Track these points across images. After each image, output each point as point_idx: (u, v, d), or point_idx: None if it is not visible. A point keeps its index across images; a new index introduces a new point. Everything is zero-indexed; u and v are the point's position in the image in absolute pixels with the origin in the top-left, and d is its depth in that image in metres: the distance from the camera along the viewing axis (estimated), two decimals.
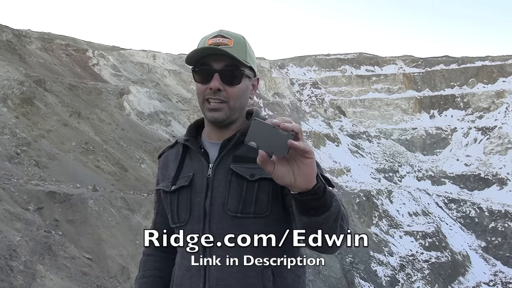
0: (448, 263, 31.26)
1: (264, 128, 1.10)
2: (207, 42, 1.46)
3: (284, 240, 1.47)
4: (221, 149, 1.52)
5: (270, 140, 1.09)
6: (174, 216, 1.56)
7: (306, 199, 1.17)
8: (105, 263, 9.04)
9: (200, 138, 1.61)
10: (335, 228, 1.25)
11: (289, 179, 1.13)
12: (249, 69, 1.51)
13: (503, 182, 43.18)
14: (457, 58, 57.87)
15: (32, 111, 16.08)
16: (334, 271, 22.35)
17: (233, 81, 1.47)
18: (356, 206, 31.09)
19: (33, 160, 13.09)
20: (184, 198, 1.53)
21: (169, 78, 34.88)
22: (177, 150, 1.65)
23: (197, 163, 1.55)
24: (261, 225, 1.44)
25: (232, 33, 1.50)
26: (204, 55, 1.46)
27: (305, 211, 1.20)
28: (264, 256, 1.45)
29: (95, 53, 30.45)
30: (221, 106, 1.47)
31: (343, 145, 46.64)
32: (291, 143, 1.07)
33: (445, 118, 53.30)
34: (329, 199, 1.20)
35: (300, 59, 61.63)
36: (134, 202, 12.22)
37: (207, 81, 1.47)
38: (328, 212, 1.20)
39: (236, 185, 1.45)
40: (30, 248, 7.23)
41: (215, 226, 1.46)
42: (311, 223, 1.22)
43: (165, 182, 1.62)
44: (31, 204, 9.29)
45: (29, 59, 22.54)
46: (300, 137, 1.10)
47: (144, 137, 21.40)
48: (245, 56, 1.48)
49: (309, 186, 1.14)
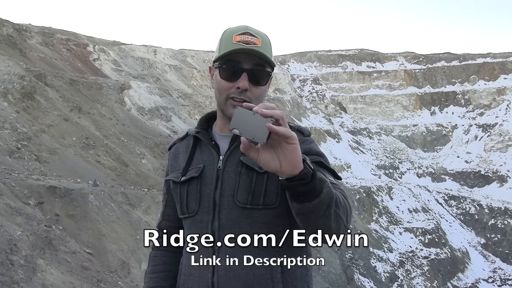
0: (448, 260, 31.32)
1: (246, 115, 1.11)
2: (234, 38, 1.44)
3: (293, 232, 1.48)
4: (231, 141, 1.52)
5: (251, 126, 1.11)
6: (183, 207, 1.56)
7: (293, 185, 1.17)
8: (106, 257, 9.07)
9: (211, 130, 1.62)
10: (328, 215, 1.24)
11: (275, 165, 1.14)
12: (272, 69, 1.51)
13: (503, 179, 43.21)
14: (459, 55, 57.76)
15: (32, 105, 16.08)
16: (333, 267, 22.41)
17: (260, 82, 1.46)
18: (356, 202, 31.11)
19: (34, 155, 13.10)
20: (194, 189, 1.53)
21: (170, 73, 34.86)
22: (187, 142, 1.65)
23: (208, 155, 1.55)
24: (270, 217, 1.45)
25: (258, 31, 1.49)
26: (233, 52, 1.44)
27: (295, 197, 1.20)
28: (273, 247, 1.46)
29: (96, 48, 30.42)
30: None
31: (344, 142, 46.64)
32: (270, 126, 1.08)
33: (446, 115, 53.27)
34: (319, 185, 1.19)
35: (301, 55, 61.54)
36: (134, 197, 12.25)
37: (234, 79, 1.45)
38: (319, 198, 1.19)
39: (245, 177, 1.45)
40: (30, 243, 7.25)
41: (224, 217, 1.46)
42: (302, 209, 1.22)
43: (175, 173, 1.61)
44: (31, 198, 9.31)
45: (29, 53, 22.52)
46: (281, 123, 1.11)
47: (145, 132, 21.41)
48: (271, 56, 1.47)
49: (295, 171, 1.14)
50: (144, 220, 11.51)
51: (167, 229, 1.74)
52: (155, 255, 1.74)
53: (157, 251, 1.74)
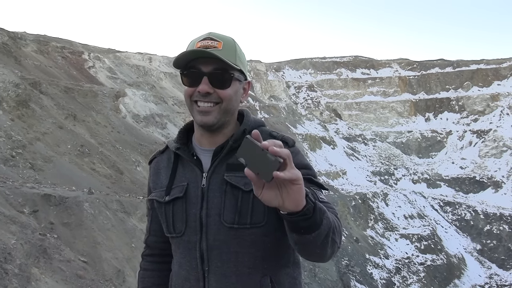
0: (444, 266, 31.31)
1: (254, 148, 1.09)
2: (196, 45, 1.43)
3: (281, 247, 1.48)
4: (214, 157, 1.49)
5: (258, 161, 1.08)
6: (169, 227, 1.53)
7: (295, 220, 1.17)
8: (101, 266, 9.01)
9: (191, 144, 1.58)
10: (326, 244, 1.25)
11: (277, 202, 1.13)
12: (239, 72, 1.48)
13: (498, 185, 43.38)
14: (452, 62, 58.20)
15: (27, 113, 16.02)
16: (330, 274, 22.34)
17: (223, 85, 1.44)
18: (352, 209, 31.10)
19: (28, 163, 13.03)
20: (180, 209, 1.50)
21: (165, 80, 34.87)
22: (168, 156, 1.61)
23: (190, 172, 1.52)
24: (258, 235, 1.43)
25: (221, 35, 1.47)
26: (193, 58, 1.43)
27: (295, 230, 1.20)
28: (262, 264, 1.45)
29: (91, 55, 30.42)
30: (211, 109, 1.44)
31: (339, 148, 46.72)
32: (276, 174, 1.05)
33: (440, 121, 53.55)
34: (320, 218, 1.20)
35: (296, 62, 61.80)
36: (129, 205, 12.19)
37: (195, 84, 1.44)
38: (319, 230, 1.20)
39: (231, 196, 1.43)
40: (25, 251, 7.20)
41: (212, 237, 1.45)
42: (302, 240, 1.22)
43: (158, 191, 1.58)
44: (26, 207, 9.24)
45: (24, 61, 22.48)
46: (287, 163, 1.08)
47: (140, 139, 21.35)
48: (235, 59, 1.45)
49: (298, 208, 1.14)
50: (140, 228, 11.45)
51: (154, 245, 1.73)
52: (144, 276, 1.73)
53: (145, 272, 1.73)
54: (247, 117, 1.56)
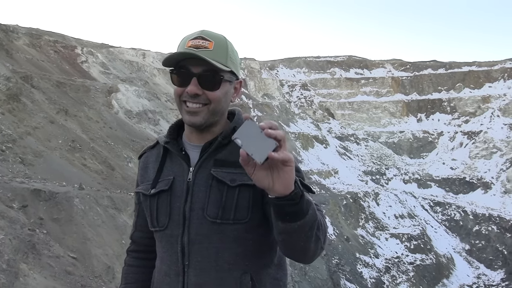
0: (433, 266, 31.58)
1: (253, 130, 1.13)
2: (187, 43, 1.42)
3: (263, 246, 1.49)
4: (202, 152, 1.49)
5: (254, 143, 1.12)
6: (153, 220, 1.54)
7: (282, 204, 1.19)
8: (90, 262, 8.97)
9: (181, 139, 1.58)
10: (310, 237, 1.26)
11: (268, 183, 1.16)
12: (229, 73, 1.47)
13: (487, 186, 43.79)
14: (445, 63, 58.56)
15: (18, 107, 15.88)
16: (320, 273, 22.43)
17: (213, 86, 1.43)
18: (343, 208, 31.24)
19: (19, 157, 12.92)
20: (164, 202, 1.50)
21: (158, 77, 34.70)
22: (158, 151, 1.62)
23: (178, 166, 1.52)
24: (240, 231, 1.44)
25: (213, 34, 1.45)
26: (183, 58, 1.43)
27: (281, 216, 1.22)
28: (243, 261, 1.45)
29: (84, 50, 30.20)
30: (200, 110, 1.44)
31: (331, 147, 46.87)
32: (271, 155, 1.10)
33: (432, 122, 53.90)
34: (306, 207, 1.22)
35: (290, 60, 61.82)
36: (120, 201, 12.14)
37: (184, 84, 1.44)
38: (304, 219, 1.22)
39: (216, 190, 1.43)
40: (13, 247, 7.15)
41: (194, 231, 1.45)
42: (287, 229, 1.24)
43: (144, 185, 1.59)
44: (15, 202, 9.17)
45: (16, 55, 22.26)
46: (283, 145, 1.12)
47: (132, 136, 21.27)
48: (226, 59, 1.44)
49: (287, 191, 1.16)
50: (130, 224, 11.42)
51: (140, 240, 1.73)
52: (127, 272, 1.73)
53: (130, 268, 1.73)
54: (238, 115, 1.57)
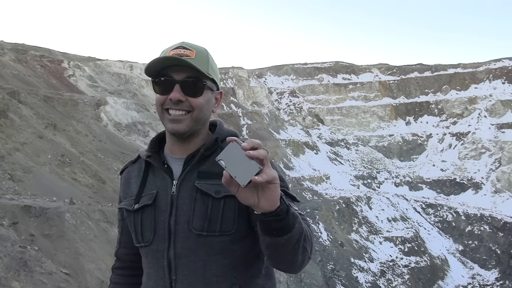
0: (427, 268, 31.67)
1: (237, 152, 1.12)
2: (168, 53, 1.42)
3: (251, 256, 1.47)
4: (185, 165, 1.48)
5: (238, 165, 1.11)
6: (138, 236, 1.51)
7: (269, 220, 1.19)
8: (83, 277, 8.85)
9: (163, 153, 1.57)
10: (297, 249, 1.26)
11: (253, 201, 1.16)
12: (211, 81, 1.48)
13: (478, 186, 44.17)
14: (431, 66, 59.25)
15: (6, 123, 15.72)
16: (315, 279, 22.37)
17: (195, 93, 1.43)
18: (336, 213, 31.28)
19: (7, 174, 12.76)
20: (148, 217, 1.48)
21: (146, 88, 34.60)
22: (139, 165, 1.60)
23: (161, 180, 1.50)
24: (226, 243, 1.42)
25: (194, 45, 1.46)
26: (165, 66, 1.42)
27: (268, 231, 1.22)
28: (231, 273, 1.44)
29: (71, 64, 30.04)
30: (183, 117, 1.43)
31: (322, 153, 47.02)
32: (254, 179, 1.10)
33: (420, 124, 54.35)
34: (292, 221, 1.22)
35: (278, 68, 62.08)
36: (112, 215, 12.03)
37: (167, 92, 1.43)
38: (290, 234, 1.22)
39: (201, 203, 1.42)
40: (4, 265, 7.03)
41: (180, 245, 1.43)
42: (274, 243, 1.24)
43: (127, 200, 1.57)
44: (5, 219, 9.04)
45: (2, 70, 22.07)
46: (265, 164, 1.12)
47: (122, 148, 21.14)
48: (207, 68, 1.45)
49: (272, 208, 1.16)
50: None
51: (124, 257, 1.70)
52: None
53: (115, 285, 1.71)
54: (220, 126, 1.57)
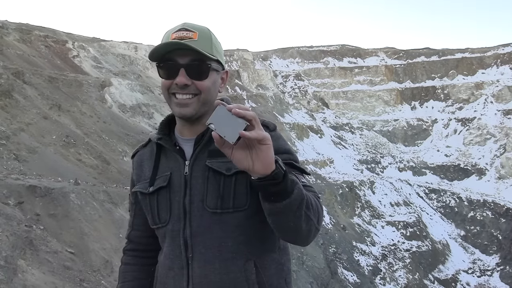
0: (429, 252, 31.89)
1: (224, 114, 1.15)
2: (171, 36, 1.41)
3: (265, 231, 1.49)
4: (195, 145, 1.50)
5: (225, 125, 1.14)
6: (155, 217, 1.54)
7: (265, 184, 1.20)
8: (88, 257, 8.98)
9: (173, 134, 1.58)
10: (299, 217, 1.27)
11: (247, 164, 1.17)
12: (216, 63, 1.47)
13: (481, 172, 44.11)
14: (438, 50, 58.58)
15: (10, 104, 15.76)
16: (317, 262, 22.59)
17: (201, 76, 1.43)
18: (339, 197, 31.40)
19: (13, 154, 12.85)
20: (164, 198, 1.51)
21: (151, 70, 34.48)
22: (151, 148, 1.62)
23: (173, 161, 1.53)
24: (241, 219, 1.45)
25: (196, 25, 1.45)
26: (169, 50, 1.42)
27: (266, 197, 1.24)
28: (246, 248, 1.46)
29: (75, 44, 29.92)
30: (190, 101, 1.44)
31: (326, 137, 46.95)
32: (242, 133, 1.12)
33: (426, 109, 54.04)
34: (291, 186, 1.22)
35: (283, 51, 61.61)
36: (116, 195, 12.12)
37: (172, 76, 1.43)
38: (289, 199, 1.22)
39: (213, 181, 1.44)
40: (10, 243, 7.13)
41: (195, 223, 1.46)
42: (273, 209, 1.25)
43: (141, 183, 1.59)
44: (11, 198, 9.14)
45: (6, 50, 22.03)
46: (254, 124, 1.14)
47: (126, 129, 21.19)
48: (211, 49, 1.44)
49: (267, 171, 1.17)
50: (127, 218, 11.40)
51: (137, 240, 1.72)
52: (125, 270, 1.72)
53: (127, 266, 1.72)
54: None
